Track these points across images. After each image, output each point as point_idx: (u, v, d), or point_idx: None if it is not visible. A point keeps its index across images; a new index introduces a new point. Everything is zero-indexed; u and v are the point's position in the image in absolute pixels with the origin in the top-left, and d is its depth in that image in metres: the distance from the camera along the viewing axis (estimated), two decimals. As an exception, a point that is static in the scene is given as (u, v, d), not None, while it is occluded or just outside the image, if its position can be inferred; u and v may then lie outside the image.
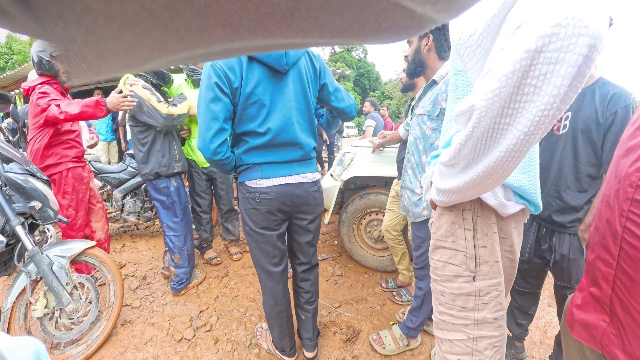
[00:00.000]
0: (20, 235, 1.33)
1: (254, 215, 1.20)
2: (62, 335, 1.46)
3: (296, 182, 1.21)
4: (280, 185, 1.18)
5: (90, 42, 0.12)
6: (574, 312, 0.57)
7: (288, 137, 1.16)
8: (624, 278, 0.45)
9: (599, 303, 0.50)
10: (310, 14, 0.13)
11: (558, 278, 1.32)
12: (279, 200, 1.19)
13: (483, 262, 0.71)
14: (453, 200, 0.67)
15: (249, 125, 1.12)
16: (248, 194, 1.19)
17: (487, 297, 0.71)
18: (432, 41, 1.30)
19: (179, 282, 2.03)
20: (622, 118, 1.11)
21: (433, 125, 1.31)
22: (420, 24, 0.15)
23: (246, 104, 1.10)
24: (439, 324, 0.77)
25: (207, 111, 1.05)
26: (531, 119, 0.44)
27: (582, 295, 0.56)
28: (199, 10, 0.12)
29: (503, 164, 0.50)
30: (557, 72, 0.41)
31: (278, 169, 1.18)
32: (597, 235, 0.53)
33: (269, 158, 1.17)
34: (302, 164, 1.24)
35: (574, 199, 1.22)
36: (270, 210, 1.19)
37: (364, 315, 1.87)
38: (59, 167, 1.90)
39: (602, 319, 0.49)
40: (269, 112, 1.12)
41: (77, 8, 0.11)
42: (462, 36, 0.56)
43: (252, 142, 1.14)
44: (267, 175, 1.17)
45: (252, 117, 1.11)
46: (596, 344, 0.50)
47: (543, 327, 1.81)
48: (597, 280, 0.51)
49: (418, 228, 1.43)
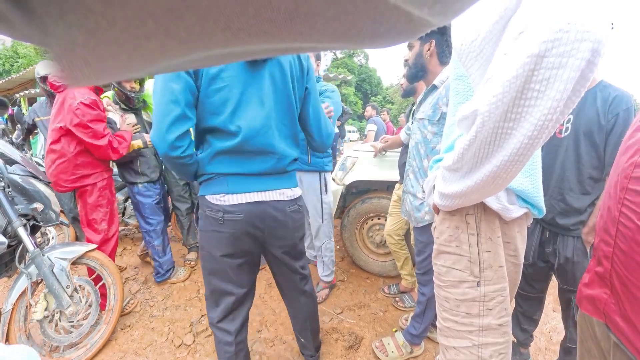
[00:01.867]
0: (22, 236, 1.34)
1: (214, 239, 0.95)
2: (62, 338, 1.45)
3: (271, 199, 0.97)
4: (250, 204, 0.94)
5: (92, 44, 0.12)
6: (582, 289, 0.65)
7: (263, 143, 0.93)
8: (620, 254, 0.53)
9: (602, 279, 0.58)
10: (309, 18, 0.13)
11: (562, 281, 1.31)
12: (247, 222, 0.94)
13: (487, 267, 0.71)
14: (456, 205, 0.67)
15: (214, 120, 0.89)
16: (209, 212, 0.94)
17: (491, 303, 0.70)
18: (435, 46, 1.31)
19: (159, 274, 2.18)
20: (623, 120, 1.12)
21: (434, 129, 1.31)
22: (417, 28, 0.15)
23: (209, 90, 0.87)
24: (444, 330, 0.76)
25: (164, 92, 0.82)
26: (535, 123, 0.44)
27: (589, 275, 0.63)
28: (199, 15, 0.12)
29: (507, 168, 0.50)
30: (561, 77, 0.41)
31: (248, 183, 0.94)
32: (601, 222, 0.60)
33: (237, 168, 0.93)
34: (280, 178, 1.00)
35: (577, 202, 1.22)
36: (236, 235, 0.95)
37: (367, 322, 1.85)
38: (91, 179, 1.75)
39: (604, 291, 0.57)
40: (238, 105, 0.89)
41: (79, 10, 0.11)
42: (464, 42, 0.57)
43: (218, 145, 0.91)
44: (234, 190, 0.92)
45: (217, 109, 0.89)
46: (600, 315, 0.58)
47: (548, 333, 1.79)
48: (600, 260, 0.59)
49: (420, 233, 1.42)
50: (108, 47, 0.13)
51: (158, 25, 0.12)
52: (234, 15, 0.12)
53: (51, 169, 1.69)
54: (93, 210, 1.78)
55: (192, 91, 0.85)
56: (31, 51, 22.04)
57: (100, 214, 1.80)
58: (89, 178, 1.75)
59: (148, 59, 0.14)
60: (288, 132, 1.01)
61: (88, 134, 1.64)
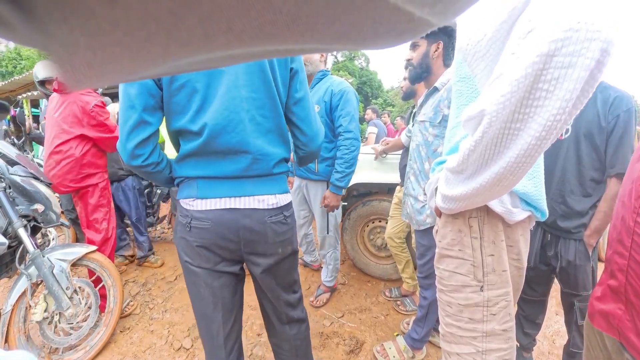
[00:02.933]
0: (23, 237, 1.33)
1: (186, 247, 0.85)
2: (61, 340, 1.44)
3: (246, 207, 0.83)
4: (220, 211, 0.81)
5: (94, 47, 0.12)
6: (594, 303, 0.62)
7: (232, 141, 0.80)
8: (636, 267, 0.50)
9: (616, 293, 0.55)
10: (311, 20, 0.13)
11: (565, 285, 1.30)
12: (216, 232, 0.81)
13: (490, 271, 0.70)
14: (460, 208, 0.66)
15: (179, 121, 0.80)
16: (181, 217, 0.85)
17: (495, 308, 0.69)
18: (442, 48, 1.30)
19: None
20: (624, 121, 1.11)
21: (435, 131, 1.31)
22: (417, 28, 0.15)
23: (171, 89, 0.77)
24: (446, 336, 0.75)
25: (123, 97, 0.76)
26: (543, 123, 0.43)
27: (602, 288, 0.61)
28: (202, 17, 0.12)
29: (513, 170, 0.49)
30: (570, 76, 0.41)
31: (220, 187, 0.82)
32: (615, 232, 0.58)
33: (207, 170, 0.82)
34: (260, 182, 0.85)
35: (578, 204, 1.21)
36: (204, 245, 0.83)
37: (368, 326, 1.83)
38: (95, 178, 1.81)
39: (619, 307, 0.54)
40: (204, 100, 0.78)
41: (81, 12, 0.11)
42: (469, 42, 0.56)
43: (185, 147, 0.82)
44: (204, 195, 0.81)
45: (182, 108, 0.79)
46: (614, 332, 0.55)
47: (551, 337, 1.77)
48: (614, 273, 0.56)
49: (422, 236, 1.41)
50: (111, 49, 0.13)
51: (160, 27, 0.12)
52: (236, 17, 0.12)
53: (55, 169, 1.71)
54: (94, 211, 1.82)
55: (151, 93, 0.77)
56: (34, 53, 22.22)
57: (101, 214, 1.84)
58: (93, 177, 1.81)
59: (150, 62, 0.14)
60: (270, 126, 0.84)
61: (104, 130, 1.80)
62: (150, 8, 0.11)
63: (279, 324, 1.00)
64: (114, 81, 0.15)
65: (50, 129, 1.75)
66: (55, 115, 1.73)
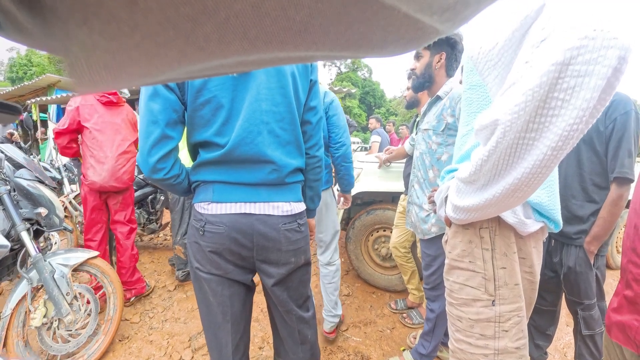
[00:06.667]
0: (25, 240, 1.33)
1: (197, 253, 0.85)
2: (59, 347, 1.42)
3: (261, 212, 0.83)
4: (235, 215, 0.82)
5: (112, 49, 0.12)
6: (610, 315, 0.60)
7: (251, 152, 0.82)
8: None
9: (632, 304, 0.54)
10: (323, 28, 0.13)
11: (568, 292, 1.29)
12: (230, 237, 0.82)
13: (502, 284, 0.67)
14: (471, 218, 0.64)
15: (204, 134, 0.82)
16: (194, 221, 0.86)
17: (507, 324, 0.67)
18: (445, 59, 1.32)
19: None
20: (622, 125, 1.11)
21: (438, 139, 1.31)
22: (425, 35, 0.15)
23: (196, 104, 0.80)
24: (456, 352, 0.72)
25: (145, 112, 0.78)
26: (559, 133, 0.42)
27: (618, 299, 0.59)
28: (219, 23, 0.12)
29: (528, 181, 0.48)
30: (587, 85, 0.40)
31: (236, 192, 0.83)
32: (628, 241, 0.56)
33: (224, 176, 0.84)
34: (275, 190, 0.86)
35: (580, 209, 1.22)
36: (217, 251, 0.83)
37: (373, 340, 1.78)
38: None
39: (635, 318, 0.53)
40: (230, 115, 0.81)
41: (102, 15, 0.11)
42: (481, 50, 0.56)
43: (205, 156, 0.84)
44: (219, 199, 0.83)
45: (207, 122, 0.82)
46: (632, 345, 0.53)
47: (563, 350, 1.71)
48: (629, 283, 0.55)
49: (427, 245, 1.38)
50: (129, 52, 0.13)
51: (178, 32, 0.12)
52: (252, 24, 0.12)
53: (126, 167, 1.98)
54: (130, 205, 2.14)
55: (174, 108, 0.79)
56: (45, 60, 22.79)
57: (130, 209, 2.14)
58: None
59: (166, 65, 0.14)
60: (288, 138, 0.88)
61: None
62: (169, 13, 0.11)
63: (292, 343, 0.96)
64: (128, 84, 0.15)
65: (112, 134, 1.96)
66: (118, 121, 2.01)
